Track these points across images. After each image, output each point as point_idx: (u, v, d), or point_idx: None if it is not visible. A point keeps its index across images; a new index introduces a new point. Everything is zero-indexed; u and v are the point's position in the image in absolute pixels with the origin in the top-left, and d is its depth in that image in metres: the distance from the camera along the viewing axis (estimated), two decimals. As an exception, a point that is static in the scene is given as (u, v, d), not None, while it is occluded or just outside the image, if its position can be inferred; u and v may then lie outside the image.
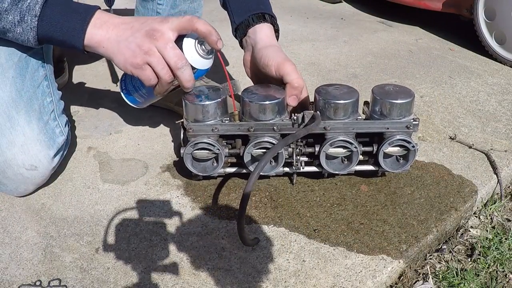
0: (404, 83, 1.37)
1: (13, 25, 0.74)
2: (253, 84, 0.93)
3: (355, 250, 0.78)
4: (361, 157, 0.88)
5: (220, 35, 0.76)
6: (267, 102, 0.82)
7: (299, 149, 0.87)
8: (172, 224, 0.84)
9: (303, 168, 0.89)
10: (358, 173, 0.94)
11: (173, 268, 0.75)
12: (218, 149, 0.84)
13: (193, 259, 0.76)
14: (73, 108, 1.23)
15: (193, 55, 0.78)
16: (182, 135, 0.88)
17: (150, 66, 0.75)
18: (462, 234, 0.89)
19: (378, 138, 0.88)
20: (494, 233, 0.89)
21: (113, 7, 1.15)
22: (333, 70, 1.47)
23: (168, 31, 0.74)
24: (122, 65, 0.77)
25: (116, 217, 0.85)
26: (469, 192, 0.91)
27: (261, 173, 0.89)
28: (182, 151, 0.86)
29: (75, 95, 1.30)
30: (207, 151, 0.85)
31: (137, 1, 1.16)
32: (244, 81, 0.99)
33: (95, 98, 1.29)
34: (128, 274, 0.74)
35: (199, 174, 0.89)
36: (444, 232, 0.85)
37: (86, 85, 1.37)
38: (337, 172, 0.89)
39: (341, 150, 0.87)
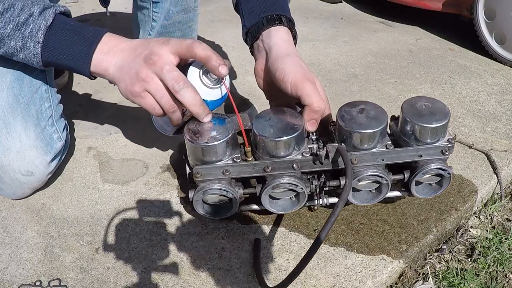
0: (404, 83, 1.37)
1: (15, 51, 0.72)
2: (265, 100, 0.84)
3: (355, 250, 0.78)
4: None
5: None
6: (286, 138, 0.70)
7: (322, 184, 0.77)
8: (172, 224, 0.84)
9: (327, 203, 0.81)
10: (385, 200, 0.84)
11: (173, 268, 0.75)
12: (232, 194, 0.74)
13: (193, 259, 0.76)
14: (73, 108, 1.23)
15: (198, 85, 0.71)
16: (188, 170, 0.77)
17: (151, 94, 0.70)
18: (462, 234, 0.89)
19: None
20: (494, 233, 0.89)
21: (110, 9, 1.14)
22: (333, 70, 1.47)
23: (167, 54, 0.69)
24: (123, 93, 0.72)
25: (116, 217, 0.85)
26: (469, 192, 0.91)
27: (278, 212, 0.78)
28: (190, 195, 0.75)
29: (75, 95, 1.30)
30: (219, 195, 0.76)
31: (134, 7, 1.14)
32: (243, 84, 0.99)
33: (95, 98, 1.29)
34: (128, 274, 0.74)
35: (213, 218, 0.81)
36: (444, 232, 0.85)
37: (86, 86, 1.36)
38: (365, 204, 0.81)
39: (369, 182, 0.78)
